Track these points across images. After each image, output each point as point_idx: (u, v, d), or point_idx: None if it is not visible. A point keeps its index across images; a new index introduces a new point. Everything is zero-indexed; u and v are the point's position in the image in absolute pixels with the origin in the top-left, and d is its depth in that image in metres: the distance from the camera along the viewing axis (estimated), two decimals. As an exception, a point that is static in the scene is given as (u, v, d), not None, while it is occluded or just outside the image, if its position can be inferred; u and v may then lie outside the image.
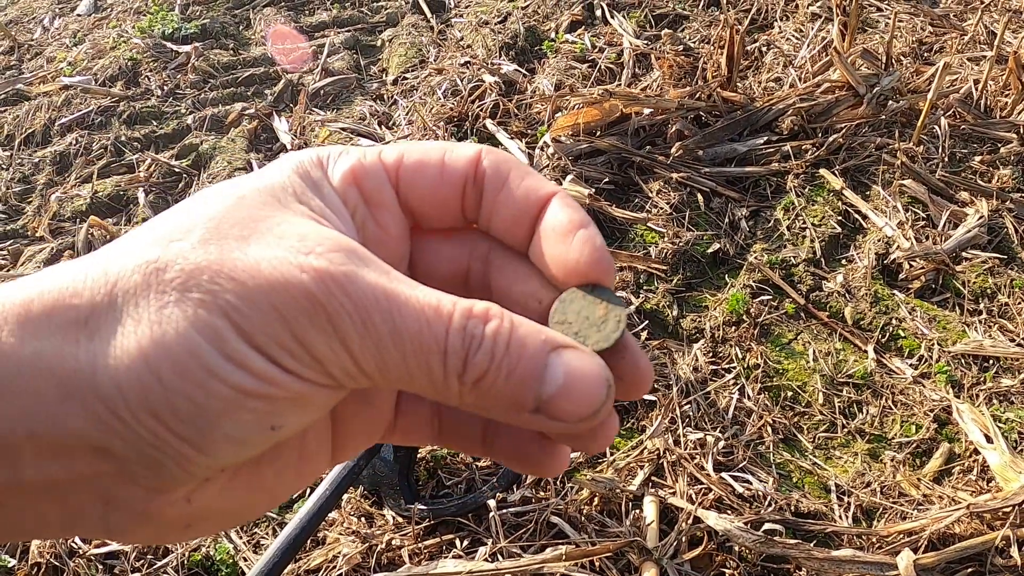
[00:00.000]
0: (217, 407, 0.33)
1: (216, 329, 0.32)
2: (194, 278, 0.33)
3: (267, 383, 0.33)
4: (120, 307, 0.33)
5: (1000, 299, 2.15)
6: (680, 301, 2.22)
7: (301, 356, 0.33)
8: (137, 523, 0.35)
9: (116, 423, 0.32)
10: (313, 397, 0.35)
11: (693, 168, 2.56)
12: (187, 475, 0.34)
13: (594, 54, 3.22)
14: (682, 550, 1.60)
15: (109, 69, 3.73)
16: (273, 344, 0.33)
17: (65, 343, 0.33)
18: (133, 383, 0.32)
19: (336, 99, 3.43)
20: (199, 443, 0.33)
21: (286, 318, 0.33)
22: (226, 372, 0.32)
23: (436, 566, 1.58)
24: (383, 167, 0.41)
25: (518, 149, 2.66)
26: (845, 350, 2.07)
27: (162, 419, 0.32)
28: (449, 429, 0.43)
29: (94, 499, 0.34)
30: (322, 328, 0.33)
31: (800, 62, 2.97)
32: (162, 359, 0.32)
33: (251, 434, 0.34)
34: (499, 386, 0.35)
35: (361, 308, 0.34)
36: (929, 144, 2.60)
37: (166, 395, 0.32)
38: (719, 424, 1.86)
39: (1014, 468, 1.69)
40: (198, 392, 0.32)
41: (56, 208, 2.96)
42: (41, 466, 0.33)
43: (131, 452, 0.33)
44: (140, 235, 0.36)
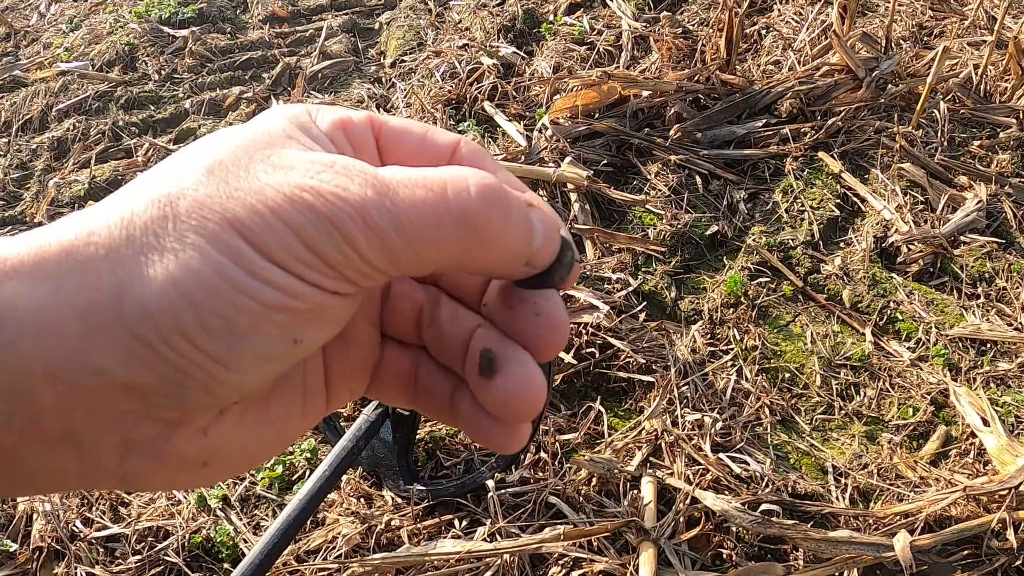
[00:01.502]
0: (245, 322, 0.34)
1: (237, 249, 0.34)
2: (207, 206, 0.35)
3: (289, 295, 0.35)
4: (139, 240, 0.34)
5: (998, 283, 2.15)
6: (678, 283, 2.22)
7: (317, 265, 0.35)
8: (154, 466, 0.36)
9: (143, 350, 0.33)
10: (331, 307, 0.36)
11: (691, 150, 2.56)
12: (211, 399, 0.35)
13: (592, 36, 3.21)
14: (680, 530, 1.61)
15: (106, 54, 3.71)
16: (290, 258, 0.35)
17: (85, 278, 0.34)
18: (164, 307, 0.33)
19: (334, 82, 3.42)
20: (228, 359, 0.34)
21: (297, 232, 0.35)
22: (252, 287, 0.34)
23: (435, 546, 1.59)
24: (369, 122, 0.43)
25: (516, 131, 2.66)
26: (843, 332, 2.07)
27: (193, 340, 0.34)
28: (424, 388, 0.45)
29: (111, 446, 0.35)
30: (329, 235, 0.35)
31: (799, 45, 2.96)
32: (191, 281, 0.33)
33: (276, 348, 0.36)
34: (504, 243, 0.38)
35: (360, 208, 0.35)
36: (928, 128, 2.60)
37: (198, 315, 0.33)
38: (717, 405, 1.86)
39: (1010, 451, 1.69)
40: (228, 308, 0.34)
41: (54, 194, 2.95)
42: (61, 412, 0.33)
43: (155, 381, 0.34)
44: (145, 178, 0.37)
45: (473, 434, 0.43)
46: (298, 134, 0.40)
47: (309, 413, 0.43)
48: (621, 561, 1.54)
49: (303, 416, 0.42)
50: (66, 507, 1.79)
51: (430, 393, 0.45)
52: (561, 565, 1.56)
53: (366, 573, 1.58)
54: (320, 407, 0.44)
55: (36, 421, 0.33)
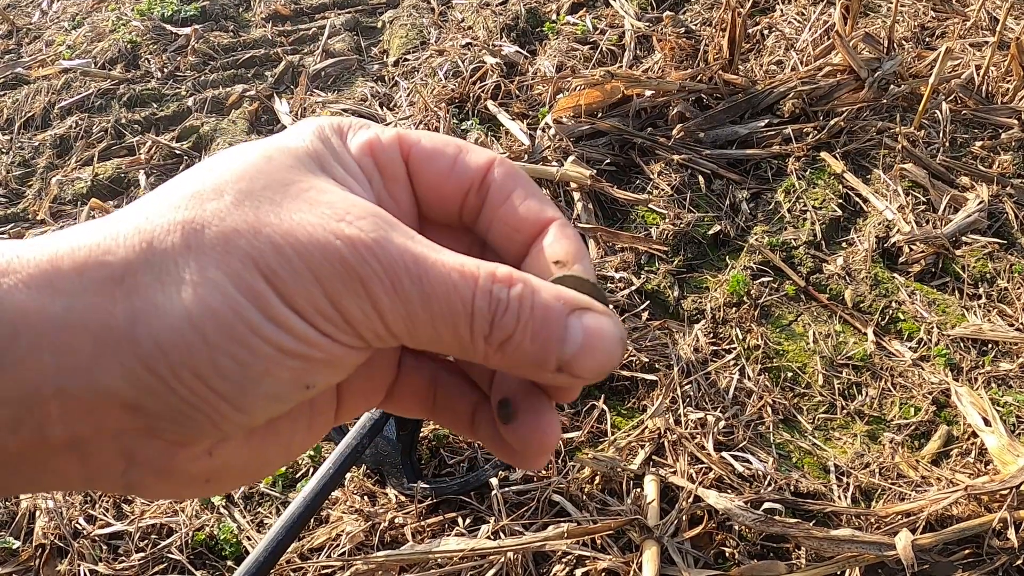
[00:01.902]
0: (260, 366, 0.34)
1: (258, 291, 0.34)
2: (233, 241, 0.34)
3: (305, 344, 0.35)
4: (158, 266, 0.34)
5: (999, 284, 2.16)
6: (681, 282, 2.23)
7: (335, 319, 0.35)
8: (157, 479, 0.36)
9: (153, 381, 0.33)
10: (344, 358, 0.36)
11: (694, 150, 2.56)
12: (216, 431, 0.35)
13: (595, 36, 3.21)
14: (683, 528, 1.61)
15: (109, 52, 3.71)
16: (310, 307, 0.34)
17: (99, 300, 0.33)
18: (177, 342, 0.33)
19: (337, 80, 3.42)
20: (239, 400, 0.34)
21: (322, 282, 0.34)
22: (269, 332, 0.34)
23: (439, 544, 1.59)
24: (399, 145, 0.41)
25: (519, 130, 2.66)
26: (845, 332, 2.07)
27: (204, 377, 0.33)
28: (443, 404, 0.44)
29: (115, 455, 0.35)
30: (355, 292, 0.34)
31: (802, 45, 2.96)
32: (207, 319, 0.33)
33: (287, 392, 0.36)
34: (525, 347, 0.36)
35: (391, 272, 0.35)
36: (930, 129, 2.60)
37: (211, 354, 0.33)
38: (720, 404, 1.87)
39: (1012, 451, 1.70)
40: (243, 351, 0.33)
41: (57, 191, 2.96)
42: (67, 423, 0.33)
43: (163, 409, 0.34)
44: (169, 193, 0.36)
45: (495, 451, 0.43)
46: (328, 160, 0.39)
47: (316, 428, 0.42)
48: (624, 559, 1.55)
49: (309, 432, 0.42)
50: (69, 504, 1.79)
51: (450, 410, 0.44)
52: (564, 563, 1.56)
53: (369, 571, 1.58)
54: (328, 422, 0.43)
55: (42, 431, 0.33)
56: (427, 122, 2.75)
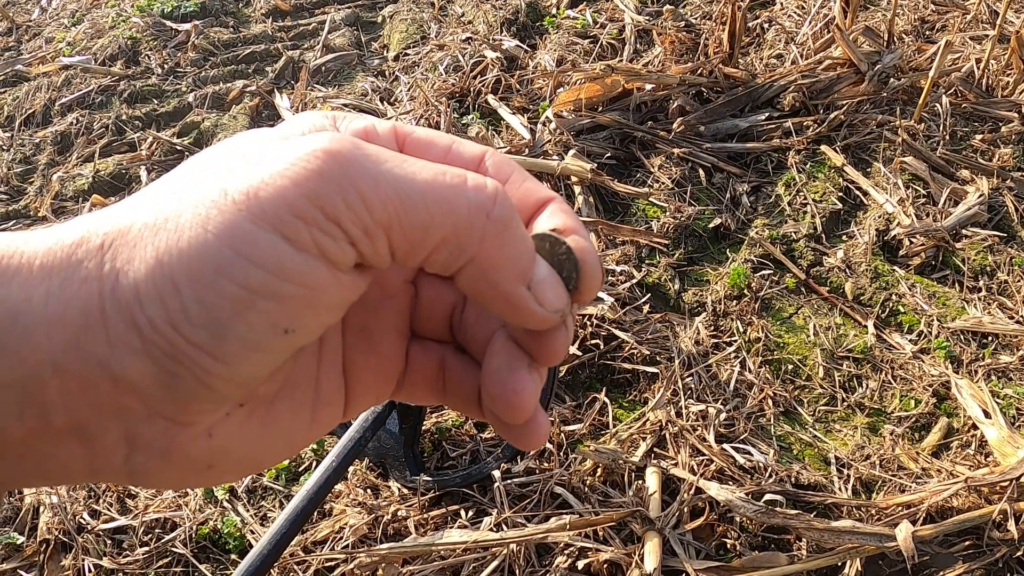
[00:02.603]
0: (226, 308, 0.33)
1: (226, 222, 0.32)
2: (207, 192, 0.34)
3: (277, 276, 0.33)
4: (138, 227, 0.33)
5: (999, 276, 2.16)
6: (682, 275, 2.23)
7: (316, 219, 0.33)
8: (160, 464, 0.36)
9: (135, 339, 0.32)
10: (324, 288, 0.34)
11: (695, 143, 2.57)
12: (207, 392, 0.34)
13: (596, 30, 3.21)
14: (684, 520, 1.62)
15: (109, 48, 3.72)
16: (285, 214, 0.33)
17: (89, 270, 0.33)
18: (151, 291, 0.32)
19: (337, 76, 3.42)
20: (214, 349, 0.33)
21: (301, 184, 0.33)
22: (236, 270, 0.32)
23: (441, 536, 1.60)
24: (394, 133, 0.41)
25: (520, 124, 2.66)
26: (845, 325, 2.08)
27: (179, 327, 0.32)
28: (452, 387, 0.44)
29: (118, 440, 0.35)
30: (338, 182, 0.33)
31: (802, 39, 2.96)
32: (175, 262, 0.32)
33: (264, 337, 0.34)
34: (516, 239, 0.37)
35: (378, 158, 0.34)
36: (930, 122, 2.60)
37: (181, 300, 0.32)
38: (721, 396, 1.87)
39: (1012, 443, 1.70)
40: (207, 293, 0.32)
41: (58, 188, 2.96)
42: (67, 405, 0.33)
43: (149, 372, 0.33)
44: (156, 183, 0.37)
45: (497, 428, 0.43)
46: None
47: (320, 420, 0.41)
48: (626, 551, 1.55)
49: (313, 423, 0.41)
50: (73, 499, 1.80)
51: (459, 390, 0.44)
52: (567, 555, 1.57)
53: (373, 563, 1.59)
54: (335, 415, 0.43)
55: (45, 415, 0.33)
56: (428, 116, 2.75)
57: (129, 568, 1.68)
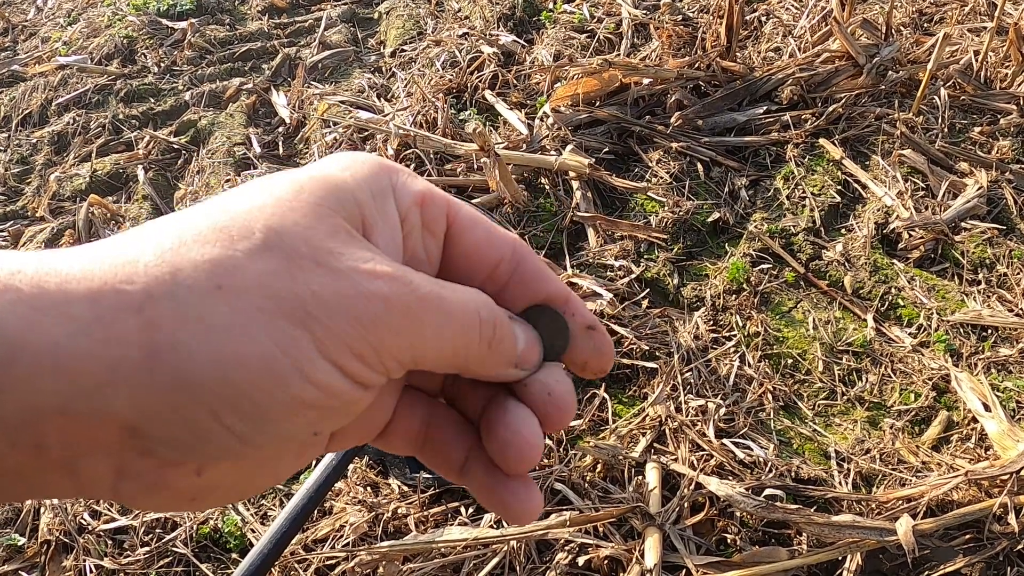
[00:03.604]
0: (278, 413, 0.35)
1: (290, 338, 0.35)
2: (267, 287, 0.34)
3: (326, 394, 0.36)
4: (183, 302, 0.33)
5: (999, 269, 2.16)
6: (681, 270, 2.23)
7: (371, 359, 0.37)
8: (146, 494, 0.37)
9: (167, 412, 0.33)
10: (356, 403, 0.38)
11: (693, 138, 2.56)
12: (214, 458, 0.36)
13: (593, 24, 3.20)
14: (684, 515, 1.62)
15: (105, 47, 3.71)
16: (345, 352, 0.36)
17: (114, 331, 0.32)
18: (200, 381, 0.33)
19: (334, 72, 3.41)
20: (250, 438, 0.35)
21: (362, 328, 0.36)
22: (292, 383, 0.35)
23: (442, 533, 1.60)
24: (447, 204, 0.44)
25: (517, 120, 2.66)
26: (844, 318, 2.08)
27: (219, 415, 0.34)
28: (435, 446, 0.46)
29: (107, 470, 0.35)
30: (395, 333, 0.37)
31: (800, 32, 2.95)
32: (234, 364, 0.33)
33: (297, 435, 0.37)
34: (504, 348, 0.42)
35: (425, 306, 0.38)
36: (929, 115, 2.60)
37: (232, 395, 0.34)
38: (720, 391, 1.87)
39: (1012, 436, 1.70)
40: (264, 398, 0.34)
41: (55, 188, 2.95)
42: (65, 443, 0.33)
43: (166, 436, 0.34)
44: (195, 222, 0.36)
45: (486, 500, 0.45)
46: (369, 204, 0.40)
47: (305, 456, 0.42)
48: (627, 547, 1.55)
49: (298, 459, 0.42)
50: (74, 501, 1.80)
51: (441, 452, 0.46)
52: (567, 551, 1.57)
53: (374, 561, 1.59)
54: (318, 452, 0.44)
55: (39, 448, 0.33)
56: (425, 113, 2.75)
57: (130, 568, 1.68)
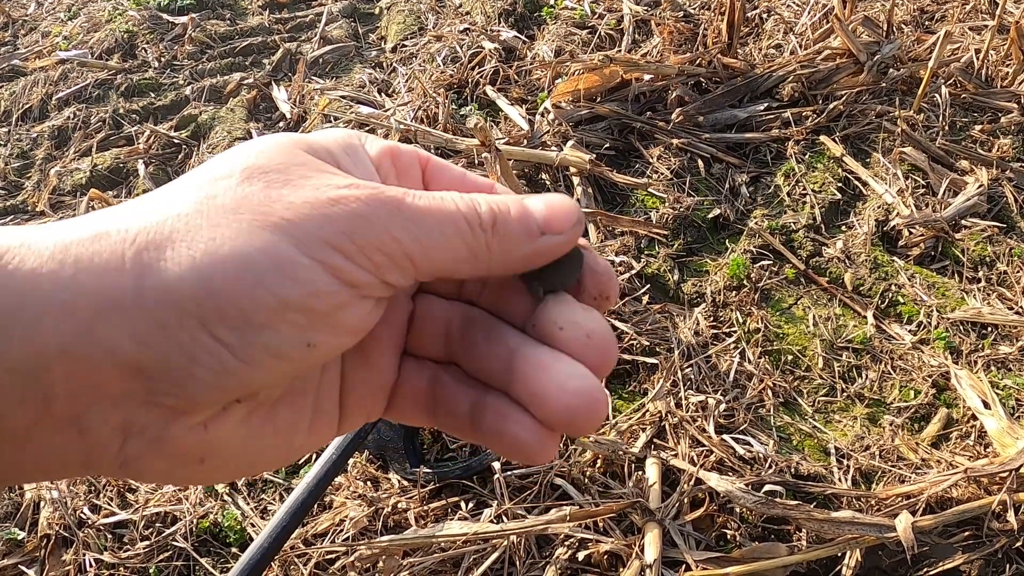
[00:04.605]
0: (264, 316, 0.35)
1: (269, 240, 0.35)
2: (246, 201, 0.36)
3: (309, 293, 0.36)
4: (169, 227, 0.35)
5: (999, 267, 2.16)
6: (681, 266, 2.23)
7: (353, 253, 0.36)
8: (152, 454, 0.36)
9: (158, 333, 0.34)
10: (348, 308, 0.37)
11: (693, 134, 2.56)
12: (217, 390, 0.36)
13: (594, 20, 3.20)
14: (684, 511, 1.62)
15: (105, 42, 3.70)
16: (325, 247, 0.36)
17: (109, 260, 0.34)
18: (185, 292, 0.34)
19: (335, 67, 3.41)
20: (240, 351, 0.35)
21: (340, 223, 0.36)
22: (273, 282, 0.35)
23: (442, 528, 1.60)
24: (416, 154, 0.45)
25: (518, 115, 2.66)
26: (845, 315, 2.08)
27: (208, 326, 0.34)
28: (443, 405, 0.44)
29: (114, 429, 0.35)
30: (373, 225, 0.37)
31: (801, 29, 2.95)
32: (215, 268, 0.34)
33: (289, 348, 0.36)
34: (512, 225, 0.41)
35: (398, 204, 0.38)
36: (929, 112, 2.60)
37: (216, 302, 0.34)
38: (720, 387, 1.87)
39: (1011, 434, 1.70)
40: (245, 299, 0.34)
41: (56, 182, 2.95)
42: (70, 390, 0.34)
43: (163, 364, 0.34)
44: (182, 180, 0.38)
45: (498, 445, 0.42)
46: (342, 154, 0.41)
47: (317, 431, 0.42)
48: (626, 542, 1.56)
49: (310, 432, 0.42)
50: (73, 494, 1.80)
51: (450, 409, 0.44)
52: (567, 546, 1.57)
53: (373, 555, 1.59)
54: (330, 427, 0.44)
55: (46, 401, 0.33)
56: (426, 108, 2.75)
57: (130, 562, 1.68)
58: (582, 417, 0.39)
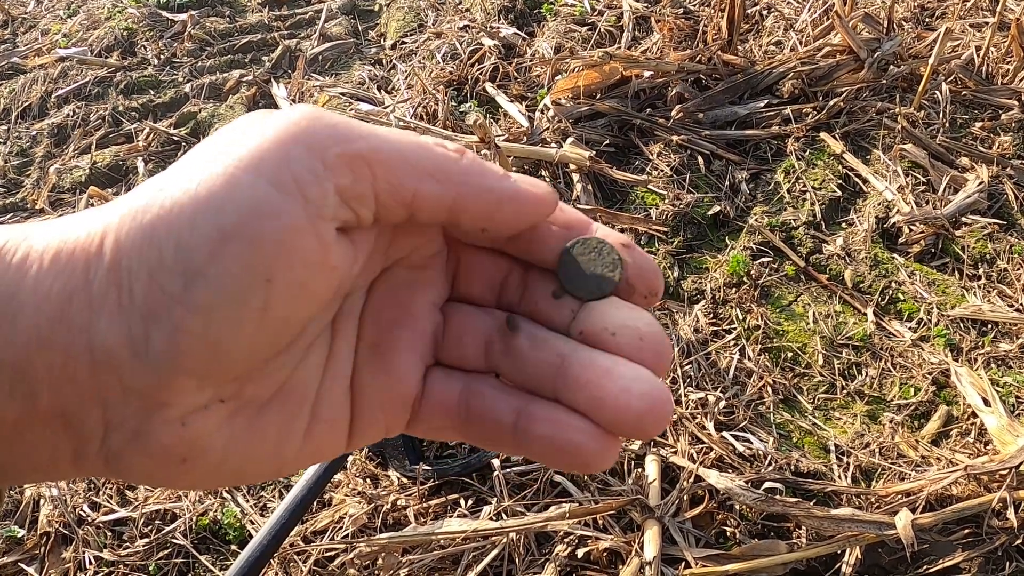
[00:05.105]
0: (201, 250, 0.33)
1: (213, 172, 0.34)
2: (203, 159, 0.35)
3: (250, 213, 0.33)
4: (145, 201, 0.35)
5: (999, 264, 2.15)
6: (681, 263, 2.23)
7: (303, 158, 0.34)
8: (133, 449, 0.35)
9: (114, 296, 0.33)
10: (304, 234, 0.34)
11: (693, 131, 2.56)
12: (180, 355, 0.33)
13: (594, 17, 3.20)
14: (684, 508, 1.62)
15: (105, 40, 3.70)
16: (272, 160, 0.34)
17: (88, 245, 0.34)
18: (132, 245, 0.33)
19: (335, 64, 3.41)
20: (188, 298, 0.33)
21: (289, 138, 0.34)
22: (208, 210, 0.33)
23: (441, 525, 1.60)
24: None
25: (518, 112, 2.65)
26: (845, 312, 2.08)
27: (156, 275, 0.33)
28: (478, 416, 0.41)
29: (96, 422, 0.35)
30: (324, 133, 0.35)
31: (801, 25, 2.95)
32: (157, 219, 0.33)
33: (240, 286, 0.33)
34: (479, 160, 0.38)
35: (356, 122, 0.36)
36: (930, 109, 2.60)
37: (159, 249, 0.33)
38: (720, 384, 1.87)
39: (1011, 431, 1.70)
40: (183, 236, 0.33)
41: (55, 180, 2.95)
42: (52, 382, 0.33)
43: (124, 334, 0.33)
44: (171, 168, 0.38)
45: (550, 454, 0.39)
46: None
47: (315, 438, 0.39)
48: (626, 539, 1.56)
49: (306, 439, 0.39)
50: (73, 492, 1.80)
51: (488, 419, 0.41)
52: (566, 543, 1.57)
53: (373, 553, 1.59)
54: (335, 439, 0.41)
55: (32, 395, 0.33)
56: (425, 105, 2.74)
57: (129, 560, 1.68)
58: (651, 419, 0.37)
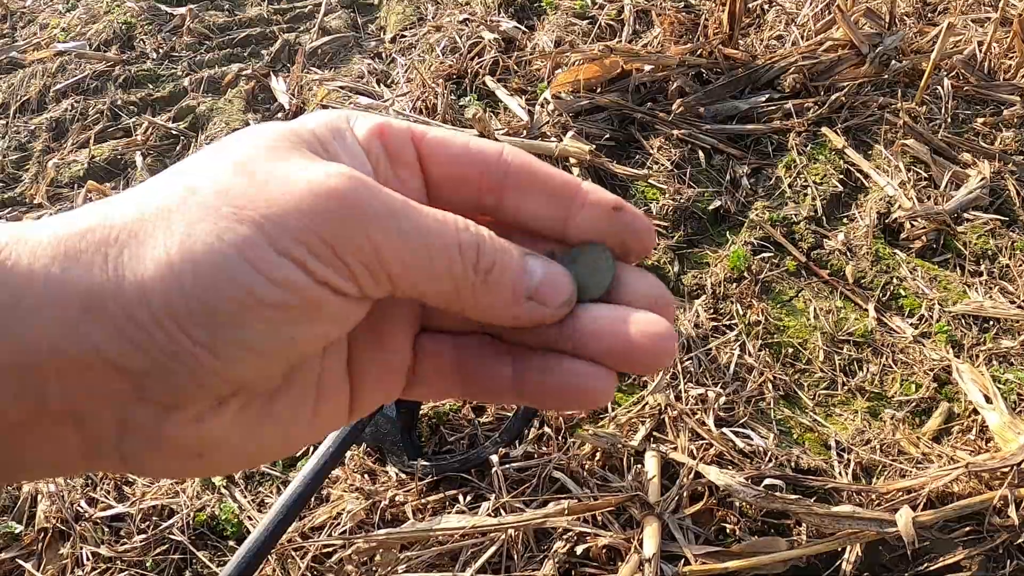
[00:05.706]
0: (229, 311, 0.34)
1: (242, 236, 0.34)
2: (225, 195, 0.35)
3: (282, 289, 0.35)
4: (150, 223, 0.35)
5: (1001, 261, 2.15)
6: (681, 257, 2.22)
7: (326, 256, 0.35)
8: (149, 449, 0.36)
9: (136, 332, 0.34)
10: (327, 305, 0.36)
11: (694, 125, 2.55)
12: (199, 387, 0.35)
13: (594, 11, 3.18)
14: (683, 505, 1.61)
15: (103, 34, 3.68)
16: (299, 245, 0.35)
17: (95, 258, 0.34)
18: (157, 287, 0.34)
19: (334, 58, 3.39)
20: (213, 347, 0.34)
21: (315, 219, 0.35)
22: (243, 276, 0.34)
23: (439, 521, 1.59)
24: (409, 131, 0.43)
25: (518, 106, 2.64)
26: (846, 308, 2.07)
27: (180, 323, 0.34)
28: (475, 373, 0.43)
29: (110, 425, 0.35)
30: (350, 226, 0.35)
31: (803, 20, 2.93)
32: (186, 264, 0.34)
33: (267, 343, 0.35)
34: (504, 278, 0.39)
35: (388, 208, 0.36)
36: (932, 105, 2.59)
37: (185, 300, 0.34)
38: (720, 380, 1.86)
39: (1013, 429, 1.70)
40: (214, 298, 0.34)
41: (54, 174, 2.94)
42: (64, 388, 0.34)
43: (145, 363, 0.34)
44: (170, 170, 0.38)
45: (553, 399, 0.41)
46: (330, 141, 0.40)
47: (322, 417, 0.41)
48: (625, 536, 1.55)
49: (313, 420, 0.41)
50: (70, 488, 1.79)
51: (487, 378, 0.43)
52: (565, 540, 1.56)
53: (371, 549, 1.59)
54: (338, 414, 0.42)
55: (41, 397, 0.34)
56: (425, 98, 2.73)
57: (127, 555, 1.68)
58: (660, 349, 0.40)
